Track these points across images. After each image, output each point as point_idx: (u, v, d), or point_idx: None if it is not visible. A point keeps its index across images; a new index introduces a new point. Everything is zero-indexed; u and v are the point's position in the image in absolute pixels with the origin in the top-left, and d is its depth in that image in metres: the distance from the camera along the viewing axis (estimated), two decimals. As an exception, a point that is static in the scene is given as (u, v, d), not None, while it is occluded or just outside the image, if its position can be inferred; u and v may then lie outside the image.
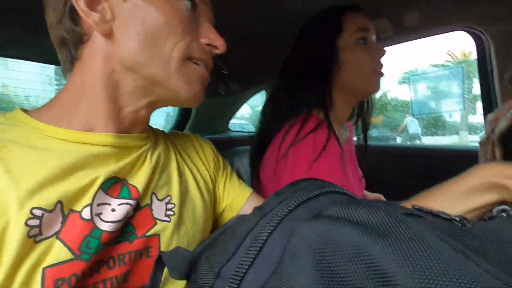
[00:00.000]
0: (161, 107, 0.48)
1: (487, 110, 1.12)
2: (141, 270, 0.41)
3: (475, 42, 1.10)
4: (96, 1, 0.39)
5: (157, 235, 0.43)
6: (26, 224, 0.32)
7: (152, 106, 0.46)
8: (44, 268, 0.33)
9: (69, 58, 0.42)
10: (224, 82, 1.45)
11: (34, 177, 0.34)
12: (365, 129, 0.85)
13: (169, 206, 0.46)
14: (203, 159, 0.58)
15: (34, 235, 0.33)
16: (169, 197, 0.47)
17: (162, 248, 0.43)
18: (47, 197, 0.34)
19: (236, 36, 1.12)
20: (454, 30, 1.09)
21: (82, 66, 0.41)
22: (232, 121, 1.95)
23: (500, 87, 1.04)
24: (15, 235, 0.32)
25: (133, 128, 0.45)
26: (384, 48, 0.75)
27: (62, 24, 0.40)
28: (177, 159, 0.52)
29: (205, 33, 0.45)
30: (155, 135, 0.51)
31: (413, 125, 7.44)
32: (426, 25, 1.04)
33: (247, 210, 0.56)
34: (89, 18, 0.39)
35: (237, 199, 0.58)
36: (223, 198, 0.58)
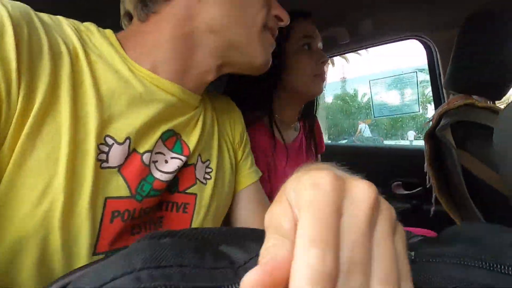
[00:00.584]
0: (227, 72, 0.48)
1: (436, 111, 1.22)
2: (175, 223, 0.43)
3: (425, 49, 1.19)
4: None
5: (195, 194, 0.45)
6: (98, 147, 0.34)
7: (220, 70, 0.46)
8: (106, 198, 0.35)
9: (144, 10, 0.41)
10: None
11: (115, 104, 0.36)
12: (311, 129, 0.90)
13: (207, 170, 0.48)
14: (233, 129, 0.58)
15: (101, 160, 0.34)
16: (208, 161, 0.49)
17: (197, 208, 0.45)
18: (121, 129, 0.36)
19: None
20: (405, 38, 1.18)
21: (159, 21, 0.41)
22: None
23: (447, 90, 1.14)
24: (89, 153, 0.33)
25: (194, 90, 0.45)
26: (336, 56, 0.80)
27: None
28: (218, 126, 0.53)
29: (274, 5, 0.47)
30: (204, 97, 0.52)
31: (366, 129, 8.00)
32: (379, 33, 1.12)
33: (243, 197, 0.56)
34: None
35: (241, 180, 0.57)
36: (236, 172, 0.58)
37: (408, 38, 1.18)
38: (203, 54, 0.43)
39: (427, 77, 1.24)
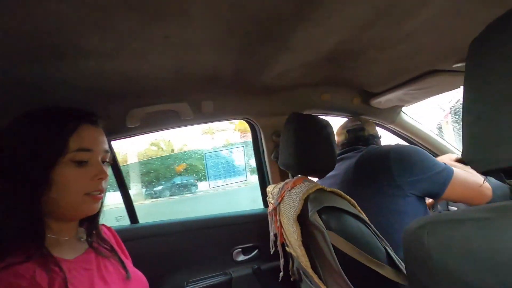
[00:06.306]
0: None
1: (261, 180, 1.52)
2: None
3: (251, 129, 1.47)
4: None
5: None
6: None
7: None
8: None
9: None
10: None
11: None
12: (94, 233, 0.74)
13: None
14: None
15: None
16: None
17: None
18: None
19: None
20: (235, 118, 1.43)
21: None
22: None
23: (269, 161, 1.43)
24: None
25: None
26: None
27: None
28: None
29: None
30: None
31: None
32: (218, 114, 1.30)
33: None
34: None
35: None
36: None
37: (238, 119, 1.44)
38: None
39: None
